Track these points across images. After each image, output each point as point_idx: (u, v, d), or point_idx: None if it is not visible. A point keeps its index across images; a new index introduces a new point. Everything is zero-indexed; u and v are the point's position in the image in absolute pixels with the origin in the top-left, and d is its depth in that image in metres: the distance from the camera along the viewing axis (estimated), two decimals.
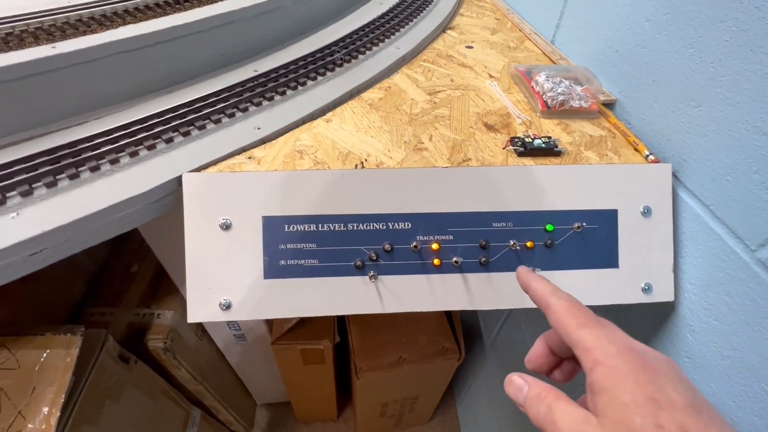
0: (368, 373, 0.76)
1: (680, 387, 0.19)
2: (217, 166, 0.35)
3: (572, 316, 0.23)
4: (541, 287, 0.26)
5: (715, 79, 0.33)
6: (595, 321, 0.23)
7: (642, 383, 0.19)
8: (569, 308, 0.24)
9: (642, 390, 0.19)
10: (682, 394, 0.19)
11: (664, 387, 0.19)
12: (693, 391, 0.20)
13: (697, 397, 0.20)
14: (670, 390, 0.19)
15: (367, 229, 0.35)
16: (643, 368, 0.20)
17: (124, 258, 0.77)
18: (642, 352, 0.21)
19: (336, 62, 0.48)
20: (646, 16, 0.41)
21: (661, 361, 0.21)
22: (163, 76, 0.44)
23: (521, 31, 0.64)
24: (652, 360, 0.20)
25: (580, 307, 0.24)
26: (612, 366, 0.20)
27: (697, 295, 0.36)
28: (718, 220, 0.33)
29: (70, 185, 0.32)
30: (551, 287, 0.26)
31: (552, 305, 0.25)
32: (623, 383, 0.20)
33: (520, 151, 0.39)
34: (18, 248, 0.28)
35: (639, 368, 0.20)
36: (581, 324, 0.23)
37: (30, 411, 0.45)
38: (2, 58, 0.34)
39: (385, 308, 0.35)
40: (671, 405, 0.19)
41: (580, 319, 0.23)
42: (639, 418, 0.18)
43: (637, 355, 0.20)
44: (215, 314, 0.33)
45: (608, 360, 0.21)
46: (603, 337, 0.22)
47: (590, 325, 0.22)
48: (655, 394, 0.19)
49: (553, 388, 0.22)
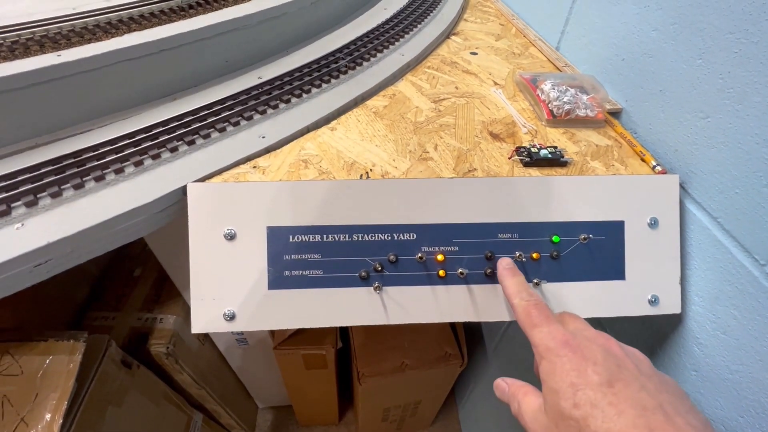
0: (370, 379, 0.75)
1: (600, 368, 0.23)
2: (222, 175, 0.35)
3: (528, 316, 0.27)
4: (510, 287, 0.31)
5: (723, 90, 0.33)
6: (545, 320, 0.26)
7: (566, 372, 0.23)
8: (526, 309, 0.28)
9: (566, 378, 0.23)
10: (600, 374, 0.22)
11: (585, 371, 0.23)
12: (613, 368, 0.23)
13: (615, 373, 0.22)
14: (591, 372, 0.23)
15: (372, 240, 0.34)
16: (570, 359, 0.23)
17: (126, 262, 0.77)
18: (576, 344, 0.24)
19: (340, 69, 0.48)
20: (653, 25, 0.40)
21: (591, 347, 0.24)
22: (168, 84, 0.44)
23: (526, 37, 0.64)
24: (583, 348, 0.24)
25: (538, 307, 0.28)
26: (548, 360, 0.24)
27: (705, 308, 0.35)
28: (726, 233, 0.33)
29: (75, 195, 0.32)
30: (518, 287, 0.30)
31: (514, 306, 0.29)
32: (554, 374, 0.23)
33: (526, 162, 0.38)
34: (23, 259, 0.28)
35: (566, 360, 0.24)
36: (533, 324, 0.27)
37: (33, 417, 0.45)
38: (7, 66, 0.34)
39: (389, 319, 0.34)
40: (587, 385, 0.22)
41: (533, 319, 0.27)
42: (563, 401, 0.22)
43: (570, 348, 0.24)
44: (219, 325, 0.33)
45: (546, 355, 0.25)
46: (547, 334, 0.25)
47: (540, 324, 0.26)
48: (576, 379, 0.22)
49: (524, 386, 0.27)
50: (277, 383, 0.91)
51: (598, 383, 0.22)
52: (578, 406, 0.21)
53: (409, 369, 0.76)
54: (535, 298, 0.29)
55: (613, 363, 0.23)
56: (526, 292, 0.30)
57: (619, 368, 0.23)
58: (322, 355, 0.78)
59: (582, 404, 0.21)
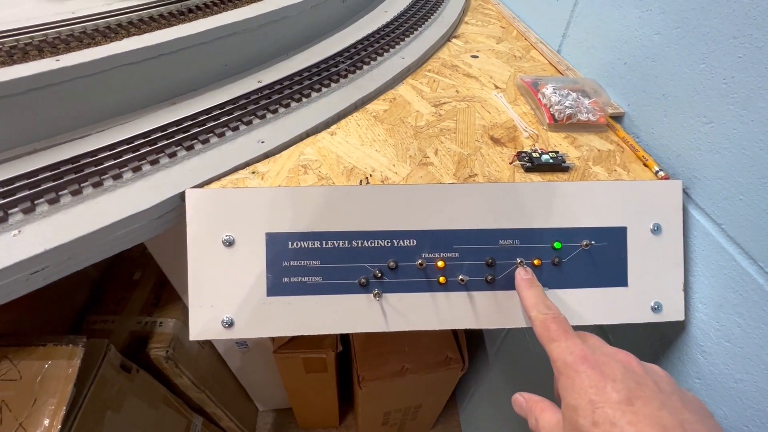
0: (371, 383, 0.75)
1: (619, 385, 0.22)
2: (221, 181, 0.35)
3: (546, 330, 0.27)
4: (528, 298, 0.30)
5: (727, 95, 0.33)
6: (563, 334, 0.26)
7: (585, 388, 0.23)
8: (544, 322, 0.27)
9: (585, 395, 0.22)
10: (619, 391, 0.22)
11: (604, 388, 0.22)
12: (633, 385, 0.22)
13: (634, 390, 0.22)
14: (610, 390, 0.22)
15: (372, 247, 0.34)
16: (589, 375, 0.23)
17: (126, 265, 0.77)
18: (595, 360, 0.24)
19: (340, 73, 0.48)
20: (655, 29, 0.40)
21: (610, 363, 0.24)
22: (167, 88, 0.43)
23: (527, 40, 0.63)
24: (602, 364, 0.23)
25: (556, 321, 0.27)
26: (567, 376, 0.24)
27: (709, 316, 0.35)
28: (730, 240, 0.33)
29: (73, 201, 0.32)
30: (536, 299, 0.30)
31: (532, 318, 0.29)
32: (573, 390, 0.23)
33: (527, 167, 0.38)
34: (20, 267, 0.28)
35: (585, 376, 0.23)
36: (551, 338, 0.26)
37: (31, 423, 0.45)
38: (6, 72, 0.34)
39: (389, 326, 0.34)
40: (606, 403, 0.22)
41: (551, 333, 0.26)
42: (581, 418, 0.22)
43: (588, 364, 0.24)
44: (218, 332, 0.33)
45: (565, 370, 0.24)
46: (565, 349, 0.25)
47: (558, 338, 0.26)
48: (594, 396, 0.22)
49: (541, 401, 0.26)
50: (277, 386, 0.91)
51: (618, 401, 0.21)
52: (597, 424, 0.21)
53: (410, 373, 0.75)
54: (554, 311, 0.28)
55: (633, 380, 0.23)
56: (544, 305, 0.29)
57: (638, 385, 0.22)
58: (323, 358, 0.77)
59: (601, 422, 0.21)
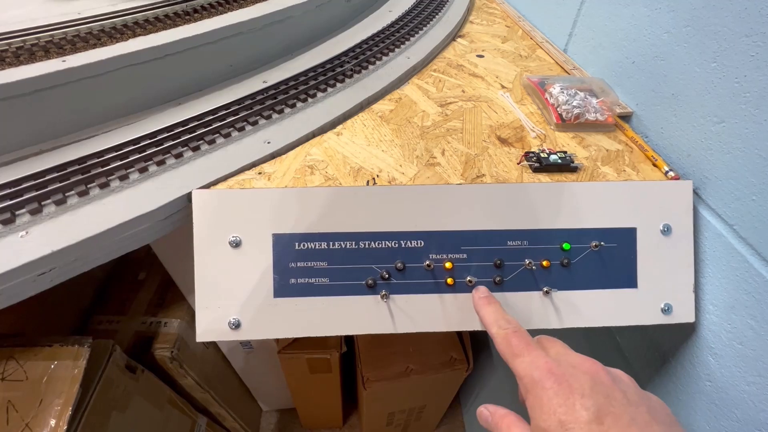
0: (375, 384, 0.75)
1: (588, 401, 0.22)
2: (227, 182, 0.35)
3: (508, 346, 0.26)
4: (488, 315, 0.30)
5: (739, 95, 0.32)
6: (525, 348, 0.25)
7: (554, 408, 0.22)
8: (506, 338, 0.27)
9: (554, 416, 0.22)
10: (588, 408, 0.21)
11: (573, 406, 0.21)
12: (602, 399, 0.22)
13: (604, 406, 0.21)
14: (579, 407, 0.21)
15: (379, 248, 0.34)
16: (556, 392, 0.22)
17: (131, 265, 0.77)
18: (562, 374, 0.23)
19: (346, 73, 0.48)
20: (665, 28, 0.39)
21: (577, 375, 0.23)
22: (173, 89, 0.43)
23: (533, 39, 0.63)
24: (569, 377, 0.23)
25: (518, 335, 0.26)
26: (534, 395, 0.23)
27: (720, 317, 0.34)
28: (742, 241, 0.32)
29: (80, 202, 0.32)
30: (495, 315, 0.29)
31: (493, 335, 0.28)
32: (541, 411, 0.22)
33: (535, 167, 0.38)
34: (27, 268, 0.28)
35: (553, 393, 0.22)
36: (514, 353, 0.25)
37: (37, 423, 0.45)
38: (13, 72, 0.34)
39: (397, 328, 0.34)
40: (576, 424, 0.21)
41: (514, 349, 0.26)
42: None
43: (556, 379, 0.23)
44: (224, 333, 0.33)
45: (531, 388, 0.23)
46: (530, 364, 0.24)
47: (522, 353, 0.25)
48: (564, 416, 0.21)
49: (507, 416, 0.25)
50: (280, 386, 0.91)
51: (587, 420, 0.21)
52: None
53: (414, 374, 0.75)
54: (514, 324, 0.28)
55: (602, 394, 0.22)
56: (503, 320, 0.29)
57: (607, 399, 0.22)
58: (327, 359, 0.77)
59: None
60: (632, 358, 0.46)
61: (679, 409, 0.39)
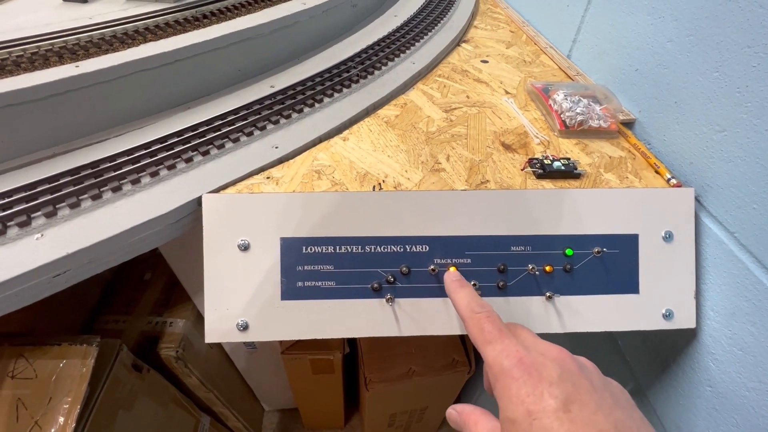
0: (378, 385, 0.75)
1: (556, 389, 0.21)
2: (236, 186, 0.36)
3: (480, 331, 0.26)
4: (461, 299, 0.29)
5: (741, 104, 0.33)
6: (498, 334, 0.25)
7: (522, 397, 0.21)
8: (478, 322, 0.26)
9: (522, 406, 0.21)
10: (556, 397, 0.21)
11: (542, 395, 0.21)
12: (569, 387, 0.22)
13: (571, 394, 0.21)
14: (547, 396, 0.21)
15: (385, 252, 0.35)
16: (525, 381, 0.22)
17: (137, 265, 0.78)
18: (531, 362, 0.23)
19: (352, 78, 0.49)
20: (668, 36, 0.40)
21: (546, 364, 0.23)
22: (182, 93, 0.44)
23: (536, 45, 0.63)
24: (539, 366, 0.22)
25: (490, 321, 0.26)
26: (502, 383, 0.23)
27: (721, 324, 0.35)
28: (743, 249, 0.33)
29: (93, 206, 0.33)
30: (468, 299, 0.28)
31: (465, 319, 0.27)
32: (510, 400, 0.22)
33: (539, 173, 0.38)
34: (43, 270, 0.28)
35: (522, 382, 0.22)
36: (486, 340, 0.25)
37: (46, 421, 0.45)
38: (29, 78, 0.35)
39: (402, 331, 0.34)
40: (543, 413, 0.21)
41: (486, 335, 0.25)
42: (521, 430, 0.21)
43: (525, 368, 0.22)
44: (233, 335, 0.34)
45: (500, 376, 0.23)
46: (501, 351, 0.24)
47: (494, 340, 0.25)
48: (532, 406, 0.21)
49: (474, 412, 0.25)
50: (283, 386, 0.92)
51: (555, 409, 0.21)
52: None
53: (417, 375, 0.75)
54: (487, 309, 0.27)
55: (569, 382, 0.22)
56: (476, 303, 0.28)
57: (574, 387, 0.22)
58: (330, 360, 0.78)
59: None
60: (633, 362, 0.46)
61: (679, 413, 0.40)
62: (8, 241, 0.29)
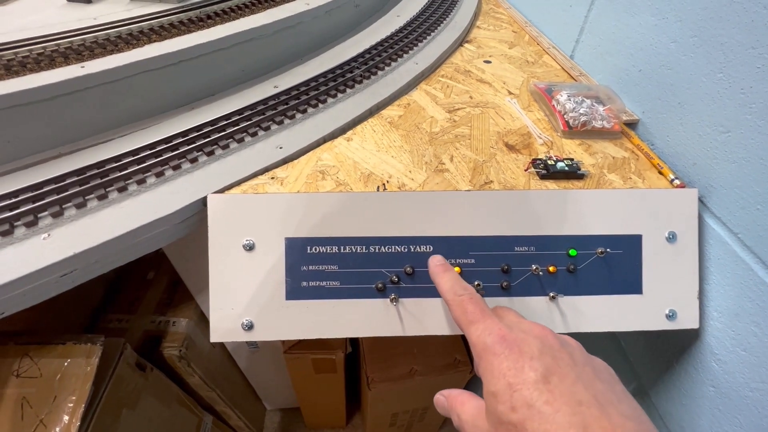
0: (380, 385, 0.76)
1: (537, 363, 0.22)
2: (241, 186, 0.36)
3: (463, 313, 0.26)
4: (444, 283, 0.29)
5: (745, 105, 0.33)
6: (480, 315, 0.25)
7: (503, 371, 0.22)
8: (461, 304, 0.26)
9: (503, 379, 0.21)
10: (536, 369, 0.21)
11: (522, 368, 0.21)
12: (549, 360, 0.22)
13: (551, 366, 0.22)
14: (528, 369, 0.21)
15: (389, 252, 0.35)
16: (507, 356, 0.22)
17: (140, 265, 0.78)
18: (513, 338, 0.23)
19: (355, 79, 0.49)
20: (672, 37, 0.40)
21: (528, 340, 0.23)
22: (186, 94, 0.44)
23: (539, 45, 0.63)
24: (520, 342, 0.23)
25: (473, 302, 0.26)
26: (486, 360, 0.23)
27: (724, 324, 0.35)
28: (747, 249, 0.33)
29: (99, 206, 0.33)
30: (451, 282, 0.29)
31: (449, 302, 0.27)
32: (492, 375, 0.22)
33: (543, 174, 0.38)
34: (50, 270, 0.29)
35: (503, 357, 0.22)
36: (470, 321, 0.25)
37: (51, 420, 0.46)
38: (35, 78, 0.35)
39: (406, 331, 0.35)
40: (524, 384, 0.21)
41: (469, 316, 0.25)
42: (500, 405, 0.21)
43: (507, 344, 0.23)
44: (238, 334, 0.34)
45: (483, 354, 0.23)
46: (484, 330, 0.24)
47: (477, 320, 0.25)
48: (513, 379, 0.21)
49: (461, 395, 0.25)
50: (284, 386, 0.92)
51: (534, 380, 0.21)
52: (515, 409, 0.20)
53: (419, 375, 0.76)
54: (470, 291, 0.27)
55: (549, 355, 0.22)
56: (459, 286, 0.28)
57: (554, 360, 0.22)
58: (332, 359, 0.78)
59: (519, 407, 0.20)
60: (636, 362, 0.47)
61: (682, 413, 0.40)
62: (15, 240, 0.30)
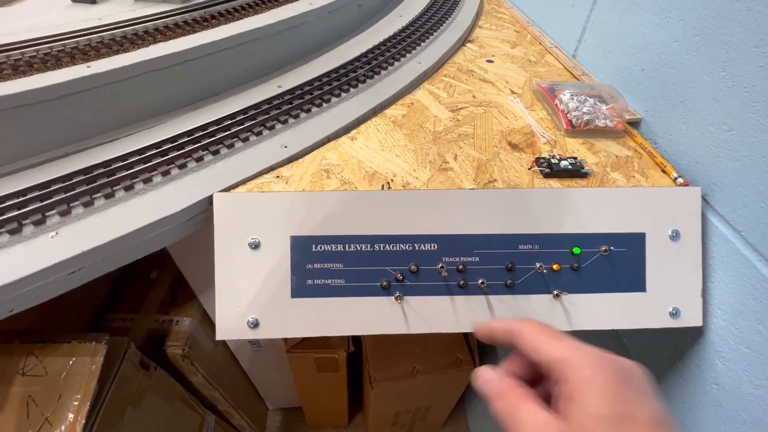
0: (382, 383, 0.76)
1: (647, 400, 0.20)
2: (247, 185, 0.36)
3: (543, 333, 0.24)
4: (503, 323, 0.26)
5: (748, 104, 0.33)
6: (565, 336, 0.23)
7: (611, 396, 0.19)
8: (537, 327, 0.24)
9: (610, 403, 0.19)
10: (648, 408, 0.19)
11: (631, 400, 0.20)
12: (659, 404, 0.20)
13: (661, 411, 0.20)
14: (638, 403, 0.20)
15: (394, 250, 0.35)
16: (614, 379, 0.20)
17: (144, 264, 0.78)
18: (616, 363, 0.21)
19: (359, 78, 0.49)
20: (674, 36, 0.40)
21: (633, 372, 0.21)
22: (191, 93, 0.45)
23: (541, 45, 0.64)
24: (625, 370, 0.21)
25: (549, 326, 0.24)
26: (585, 376, 0.20)
27: (727, 322, 0.35)
28: (750, 247, 0.33)
29: (106, 204, 0.33)
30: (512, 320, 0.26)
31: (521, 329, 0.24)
32: (594, 394, 0.20)
33: (546, 173, 0.39)
34: (58, 268, 0.29)
35: (610, 380, 0.20)
36: (553, 337, 0.23)
37: (56, 418, 0.46)
38: (42, 78, 0.35)
39: (410, 329, 0.35)
40: (634, 419, 0.19)
41: (550, 334, 0.23)
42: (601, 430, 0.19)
43: (611, 367, 0.21)
44: (243, 332, 0.34)
45: (582, 370, 0.21)
46: (576, 348, 0.22)
47: (561, 338, 0.23)
48: (622, 408, 0.19)
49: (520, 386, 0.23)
50: (287, 385, 0.92)
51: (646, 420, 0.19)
52: None
53: (421, 374, 0.76)
54: None
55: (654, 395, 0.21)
56: None
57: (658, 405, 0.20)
58: (334, 358, 0.78)
59: None
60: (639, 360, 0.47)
61: (685, 410, 0.40)
62: (24, 239, 0.30)
